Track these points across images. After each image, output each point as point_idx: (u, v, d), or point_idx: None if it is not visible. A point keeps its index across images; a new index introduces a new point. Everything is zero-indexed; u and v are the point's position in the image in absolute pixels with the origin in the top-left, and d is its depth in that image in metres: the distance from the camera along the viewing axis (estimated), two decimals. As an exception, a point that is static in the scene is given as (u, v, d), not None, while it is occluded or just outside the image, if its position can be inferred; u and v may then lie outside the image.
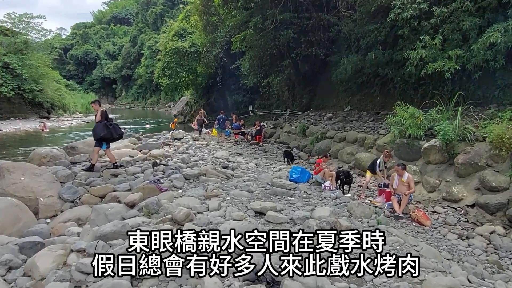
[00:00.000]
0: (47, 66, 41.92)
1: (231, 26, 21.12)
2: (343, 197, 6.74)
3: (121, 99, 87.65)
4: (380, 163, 8.16)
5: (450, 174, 8.27)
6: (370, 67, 13.96)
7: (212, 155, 10.62)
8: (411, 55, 10.60)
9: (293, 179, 7.98)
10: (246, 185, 7.12)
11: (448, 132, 8.23)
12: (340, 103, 17.99)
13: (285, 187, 7.03)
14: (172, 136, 15.33)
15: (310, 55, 18.19)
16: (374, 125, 12.55)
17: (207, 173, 7.81)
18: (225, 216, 5.20)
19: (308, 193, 6.97)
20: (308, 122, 16.76)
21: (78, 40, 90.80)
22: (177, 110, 35.21)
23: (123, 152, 9.86)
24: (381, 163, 8.16)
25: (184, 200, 5.83)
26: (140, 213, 5.52)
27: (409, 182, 6.94)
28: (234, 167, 9.06)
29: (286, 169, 9.82)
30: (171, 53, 25.48)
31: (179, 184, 6.92)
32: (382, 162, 8.18)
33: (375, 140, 11.26)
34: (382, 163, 8.17)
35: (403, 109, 9.94)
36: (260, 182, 7.69)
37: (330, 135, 13.78)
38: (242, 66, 20.94)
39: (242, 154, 12.41)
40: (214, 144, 14.46)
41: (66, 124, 34.83)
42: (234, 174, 8.29)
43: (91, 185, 6.97)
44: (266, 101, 25.59)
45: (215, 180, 7.52)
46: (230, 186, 7.23)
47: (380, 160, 8.21)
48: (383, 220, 5.64)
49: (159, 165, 8.32)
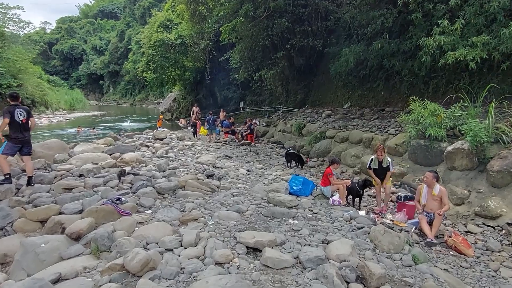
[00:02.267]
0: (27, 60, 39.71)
1: (220, 16, 19.44)
2: (359, 217, 5.24)
3: (108, 95, 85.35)
4: (372, 161, 6.74)
5: (482, 184, 6.84)
6: (375, 58, 12.50)
7: (196, 159, 9.03)
8: (427, 42, 9.16)
9: (293, 191, 6.45)
10: (235, 202, 5.59)
11: (480, 133, 6.81)
12: (338, 99, 16.56)
13: (285, 204, 5.51)
14: (154, 136, 13.67)
15: (305, 47, 16.70)
16: (380, 123, 11.11)
17: (186, 185, 6.24)
18: (204, 256, 3.67)
19: (314, 212, 5.45)
20: (304, 120, 15.26)
21: (64, 34, 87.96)
22: (164, 107, 33.44)
23: (89, 157, 8.20)
24: (373, 160, 6.71)
25: (149, 230, 4.27)
26: (86, 250, 3.96)
27: (441, 197, 5.49)
28: (221, 175, 7.48)
29: (283, 176, 8.30)
30: (156, 46, 23.67)
31: (149, 202, 5.34)
32: (375, 159, 6.68)
33: (384, 140, 9.81)
34: (375, 160, 6.68)
35: (420, 105, 8.47)
36: (253, 196, 6.15)
37: (330, 134, 12.30)
38: (232, 58, 19.31)
39: (232, 157, 10.85)
40: (201, 144, 12.85)
41: (46, 121, 32.75)
42: (220, 186, 6.72)
43: (33, 204, 5.34)
44: (258, 97, 24.04)
45: (196, 195, 5.97)
46: (215, 203, 5.67)
47: (374, 156, 6.77)
48: (421, 256, 4.16)
49: (128, 174, 6.72)
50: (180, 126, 24.74)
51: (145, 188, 5.77)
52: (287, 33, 16.55)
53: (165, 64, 24.80)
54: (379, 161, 6.63)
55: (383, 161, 6.60)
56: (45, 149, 8.68)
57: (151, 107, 59.29)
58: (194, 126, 16.91)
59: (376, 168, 6.66)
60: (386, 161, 6.61)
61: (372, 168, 6.72)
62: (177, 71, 26.95)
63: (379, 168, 6.63)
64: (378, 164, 6.64)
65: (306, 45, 16.21)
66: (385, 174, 6.63)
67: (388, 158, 6.74)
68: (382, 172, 6.64)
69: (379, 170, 6.65)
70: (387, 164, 6.60)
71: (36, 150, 8.60)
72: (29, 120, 6.28)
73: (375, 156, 6.70)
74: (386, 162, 6.61)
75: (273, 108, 21.30)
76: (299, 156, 10.57)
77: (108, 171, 7.21)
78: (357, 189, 6.78)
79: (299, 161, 10.45)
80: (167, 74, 26.48)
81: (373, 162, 6.71)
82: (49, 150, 8.70)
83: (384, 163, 6.60)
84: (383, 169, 6.61)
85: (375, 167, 6.67)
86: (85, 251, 3.94)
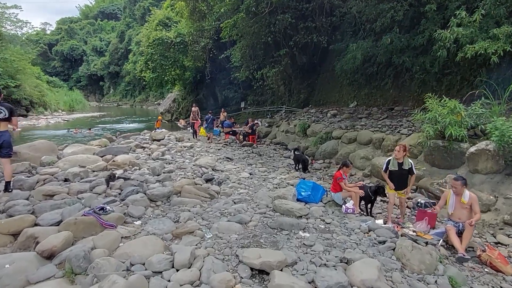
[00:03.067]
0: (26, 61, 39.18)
1: (221, 13, 18.77)
2: (379, 228, 4.56)
3: (109, 96, 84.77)
4: (390, 162, 5.78)
5: (510, 188, 6.18)
6: (384, 54, 11.82)
7: (194, 162, 8.37)
8: (443, 35, 8.49)
9: (302, 198, 5.78)
10: (237, 211, 4.93)
11: (508, 132, 6.14)
12: (344, 98, 15.88)
13: (293, 213, 4.84)
14: (152, 137, 13.01)
15: (309, 44, 16.03)
16: (391, 123, 10.44)
17: (182, 191, 5.59)
18: (200, 281, 3.03)
19: (326, 223, 4.78)
20: (309, 120, 14.59)
21: (64, 35, 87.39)
22: (164, 108, 32.79)
23: (78, 160, 7.54)
24: (391, 161, 5.76)
25: (135, 246, 3.61)
26: (59, 271, 3.30)
27: (472, 204, 4.81)
28: (222, 180, 6.81)
29: (289, 180, 7.63)
30: (155, 44, 22.99)
31: (138, 211, 4.68)
32: (393, 160, 5.73)
33: (396, 141, 9.15)
34: (393, 161, 5.73)
35: (437, 102, 7.80)
36: (257, 203, 5.49)
37: (337, 135, 11.64)
38: (233, 56, 18.63)
39: (233, 159, 10.18)
40: (200, 146, 12.19)
41: (43, 122, 32.14)
42: (220, 191, 6.04)
43: (7, 213, 4.68)
44: (260, 97, 23.36)
45: (193, 202, 5.31)
46: (214, 211, 5.01)
47: (392, 157, 5.82)
48: (459, 278, 3.48)
49: (118, 178, 6.06)
50: (179, 127, 24.10)
51: (135, 195, 5.12)
52: (290, 30, 15.89)
53: (164, 63, 24.11)
54: (398, 162, 5.70)
55: (403, 163, 5.64)
56: (32, 151, 8.03)
57: (151, 108, 58.74)
58: (193, 126, 16.25)
59: (395, 170, 5.67)
60: (408, 163, 5.64)
61: (390, 171, 5.77)
62: (176, 71, 26.28)
63: (398, 169, 5.65)
64: (397, 165, 5.69)
65: (310, 42, 15.55)
66: (404, 178, 5.72)
67: (409, 159, 5.81)
68: (402, 176, 5.67)
69: (398, 173, 5.67)
70: (409, 166, 5.64)
71: (22, 152, 7.98)
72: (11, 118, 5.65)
73: (393, 156, 5.78)
74: (407, 163, 5.63)
75: (275, 108, 20.63)
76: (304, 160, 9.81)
77: (97, 175, 6.56)
78: (369, 194, 6.10)
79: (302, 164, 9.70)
80: (167, 74, 25.83)
81: (391, 164, 5.72)
82: (36, 151, 8.05)
83: (406, 164, 5.63)
84: (404, 172, 5.65)
85: (394, 169, 5.68)
86: (57, 273, 3.29)
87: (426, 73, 11.12)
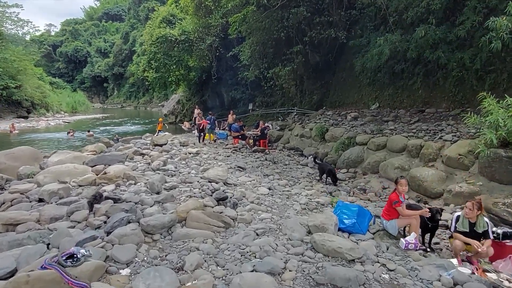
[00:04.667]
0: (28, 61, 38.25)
1: (229, 8, 17.48)
2: (470, 282, 3.17)
3: (113, 98, 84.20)
4: (460, 219, 4.33)
5: None
6: (414, 49, 10.44)
7: (201, 173, 7.03)
8: (498, 23, 7.09)
9: (345, 227, 4.40)
10: (263, 250, 3.57)
11: None
12: (363, 99, 14.49)
13: (342, 255, 3.48)
14: (153, 141, 11.71)
15: (325, 40, 14.68)
16: (428, 127, 9.06)
17: (188, 219, 4.25)
18: None
19: (390, 270, 3.42)
20: (326, 123, 13.22)
21: (68, 37, 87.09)
22: (168, 109, 31.54)
23: (63, 171, 6.22)
24: (461, 219, 4.31)
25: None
26: None
27: None
28: (237, 198, 5.43)
29: (317, 197, 6.26)
30: (158, 42, 21.73)
31: (127, 252, 3.34)
32: (463, 218, 4.30)
33: (439, 149, 7.77)
34: (463, 219, 4.30)
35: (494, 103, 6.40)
36: (286, 236, 4.13)
37: (362, 140, 10.27)
38: (242, 54, 17.28)
39: (245, 168, 8.83)
40: (207, 151, 10.86)
41: (43, 124, 31.08)
42: (237, 217, 4.68)
43: None
44: (269, 98, 22.01)
45: (203, 235, 3.98)
46: (231, 251, 3.67)
47: (462, 214, 4.36)
48: None
49: (106, 199, 4.72)
50: (184, 130, 22.84)
51: (124, 227, 3.77)
52: (305, 25, 14.59)
53: (168, 62, 22.85)
54: (470, 221, 4.26)
55: (477, 224, 4.23)
56: (9, 160, 6.74)
57: (155, 110, 57.85)
58: (201, 130, 14.97)
59: (466, 232, 4.24)
60: (483, 224, 4.22)
61: (459, 232, 4.30)
62: (181, 71, 25.04)
63: (469, 231, 4.23)
64: (468, 225, 4.26)
65: (327, 38, 14.21)
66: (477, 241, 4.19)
67: (486, 218, 4.33)
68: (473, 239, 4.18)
69: (469, 236, 4.22)
70: (484, 228, 4.22)
71: (-2, 161, 6.69)
72: None
73: (463, 214, 4.33)
74: (482, 225, 4.22)
75: (285, 110, 19.29)
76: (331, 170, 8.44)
77: (81, 192, 5.24)
78: (425, 221, 4.70)
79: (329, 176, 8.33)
80: (170, 74, 24.55)
81: (460, 223, 4.32)
82: (15, 160, 6.78)
83: (480, 227, 4.22)
84: (476, 235, 4.22)
85: (464, 230, 4.25)
86: None
87: (464, 70, 9.75)
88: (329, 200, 6.12)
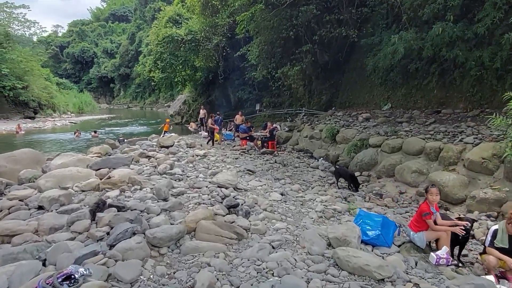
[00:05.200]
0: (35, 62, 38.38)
1: (236, 7, 17.16)
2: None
3: (119, 98, 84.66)
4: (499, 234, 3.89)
5: None
6: (430, 47, 10.01)
7: (210, 178, 6.70)
8: (525, 18, 6.69)
9: (368, 240, 4.04)
10: (281, 267, 3.23)
11: None
12: (375, 99, 14.06)
13: (370, 273, 3.11)
14: (159, 143, 11.42)
15: (335, 38, 14.29)
16: (446, 129, 8.64)
17: (197, 230, 3.92)
18: None
19: (423, 290, 3.06)
20: (336, 124, 12.84)
21: (75, 37, 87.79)
22: (174, 110, 31.34)
23: (66, 175, 5.94)
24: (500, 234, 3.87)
25: None
26: None
27: None
28: (249, 206, 5.09)
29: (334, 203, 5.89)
30: (165, 42, 21.50)
31: (131, 270, 3.02)
32: (504, 232, 3.87)
33: (460, 152, 7.35)
34: (503, 234, 3.86)
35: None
36: (305, 249, 3.77)
37: (375, 142, 9.87)
38: (250, 53, 16.95)
39: (255, 172, 8.48)
40: (215, 154, 10.54)
41: (50, 125, 31.05)
42: (250, 227, 4.34)
43: None
44: (277, 99, 21.66)
45: (214, 248, 3.65)
46: (245, 267, 3.33)
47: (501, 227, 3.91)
48: None
49: (109, 207, 4.41)
50: (190, 131, 22.57)
51: (128, 240, 3.45)
52: (314, 23, 14.20)
53: (174, 62, 22.61)
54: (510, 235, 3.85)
55: None
56: (10, 163, 6.47)
57: (161, 110, 57.82)
58: (212, 133, 14.70)
59: (504, 248, 3.82)
60: None
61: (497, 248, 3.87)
62: (187, 71, 24.80)
63: (509, 247, 3.81)
64: (508, 241, 3.84)
65: (338, 36, 13.82)
66: None
67: None
68: None
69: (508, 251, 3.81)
70: None
71: (-1, 165, 6.42)
72: None
73: (503, 227, 3.89)
74: None
75: (293, 110, 18.93)
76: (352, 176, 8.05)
77: (83, 198, 4.93)
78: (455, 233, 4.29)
79: (352, 182, 7.96)
80: (177, 74, 24.29)
81: (499, 239, 3.87)
82: (16, 163, 6.51)
83: None
84: None
85: (503, 246, 3.82)
86: None
87: (483, 69, 9.31)
88: (346, 207, 5.75)
